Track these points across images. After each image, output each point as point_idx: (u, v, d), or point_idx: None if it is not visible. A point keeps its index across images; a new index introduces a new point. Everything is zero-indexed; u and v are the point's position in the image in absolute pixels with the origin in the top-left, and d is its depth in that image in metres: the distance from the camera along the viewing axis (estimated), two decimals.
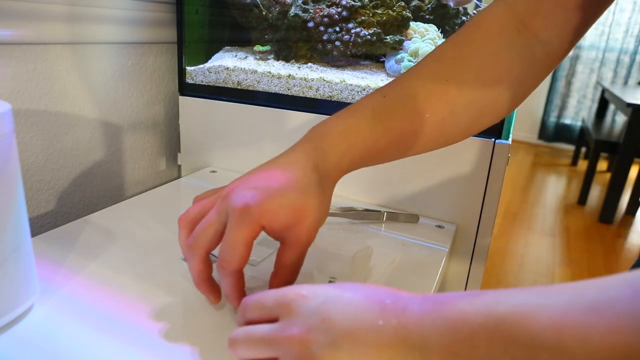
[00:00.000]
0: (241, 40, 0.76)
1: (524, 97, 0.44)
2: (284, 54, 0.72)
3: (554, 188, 3.05)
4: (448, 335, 0.24)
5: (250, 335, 0.30)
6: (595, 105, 3.83)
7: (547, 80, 4.00)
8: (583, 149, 3.78)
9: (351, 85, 0.67)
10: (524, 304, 0.22)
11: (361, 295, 0.28)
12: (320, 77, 0.68)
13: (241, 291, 0.37)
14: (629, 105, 2.25)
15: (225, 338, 0.32)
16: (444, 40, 0.63)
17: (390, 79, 0.66)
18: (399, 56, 0.65)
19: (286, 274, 0.38)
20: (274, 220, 0.35)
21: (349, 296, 0.28)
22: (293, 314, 0.28)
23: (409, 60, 0.65)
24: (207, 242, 0.36)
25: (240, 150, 0.76)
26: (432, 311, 0.25)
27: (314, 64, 0.70)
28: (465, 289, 0.66)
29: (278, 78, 0.71)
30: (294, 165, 0.37)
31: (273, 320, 0.30)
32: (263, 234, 0.37)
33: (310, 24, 0.68)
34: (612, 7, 3.74)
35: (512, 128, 0.63)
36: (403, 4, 0.64)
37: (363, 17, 0.65)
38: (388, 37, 0.65)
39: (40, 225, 0.62)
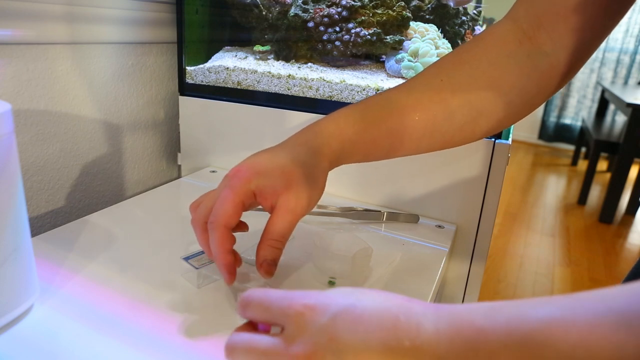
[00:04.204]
0: (241, 40, 0.76)
1: (528, 107, 0.44)
2: (284, 54, 0.72)
3: (554, 188, 3.05)
4: (467, 356, 0.22)
5: (250, 346, 0.28)
6: (595, 105, 3.82)
7: None
8: (583, 149, 3.78)
9: (351, 85, 0.67)
10: (548, 318, 0.21)
11: (373, 309, 0.26)
12: (320, 77, 0.68)
13: (228, 250, 0.38)
14: (629, 105, 2.25)
15: (225, 338, 0.32)
16: (444, 39, 0.63)
17: (390, 79, 0.66)
18: (399, 56, 0.65)
19: (272, 244, 0.38)
20: (263, 183, 0.37)
21: (359, 312, 0.26)
22: (299, 330, 0.27)
23: (409, 60, 0.65)
24: (205, 214, 0.39)
25: (240, 150, 0.76)
26: (449, 330, 0.24)
27: (314, 64, 0.70)
28: (465, 289, 0.66)
29: (278, 78, 0.71)
30: (285, 143, 0.42)
31: (275, 324, 0.29)
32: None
33: (310, 24, 0.68)
34: None
35: (512, 128, 0.63)
36: (403, 4, 0.64)
37: (363, 17, 0.65)
38: (388, 37, 0.65)
39: (40, 225, 0.62)
